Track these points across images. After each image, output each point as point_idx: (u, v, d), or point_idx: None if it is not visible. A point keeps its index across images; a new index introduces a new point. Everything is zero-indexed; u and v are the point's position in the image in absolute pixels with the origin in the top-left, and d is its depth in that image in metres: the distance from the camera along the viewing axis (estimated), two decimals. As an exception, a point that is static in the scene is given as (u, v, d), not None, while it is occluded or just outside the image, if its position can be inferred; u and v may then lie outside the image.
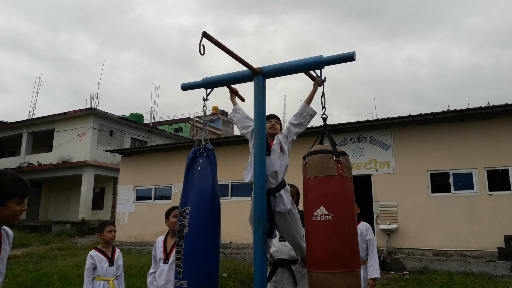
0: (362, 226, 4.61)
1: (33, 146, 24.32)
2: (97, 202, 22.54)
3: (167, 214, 3.95)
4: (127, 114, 27.69)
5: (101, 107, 24.41)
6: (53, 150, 22.58)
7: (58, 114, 22.54)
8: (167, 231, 3.92)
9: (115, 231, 4.25)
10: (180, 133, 31.20)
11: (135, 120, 25.52)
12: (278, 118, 3.27)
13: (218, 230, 2.77)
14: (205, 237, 2.64)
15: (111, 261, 4.10)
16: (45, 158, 22.73)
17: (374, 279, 4.37)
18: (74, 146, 21.67)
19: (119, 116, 23.57)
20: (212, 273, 2.68)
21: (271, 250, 3.44)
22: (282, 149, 2.98)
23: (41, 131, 23.68)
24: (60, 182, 23.89)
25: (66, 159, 21.79)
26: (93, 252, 4.11)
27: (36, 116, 24.26)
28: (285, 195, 2.95)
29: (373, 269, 4.38)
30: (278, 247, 3.43)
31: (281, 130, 3.22)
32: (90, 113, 21.52)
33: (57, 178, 23.03)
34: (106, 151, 18.99)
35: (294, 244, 3.06)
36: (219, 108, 36.78)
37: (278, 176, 2.91)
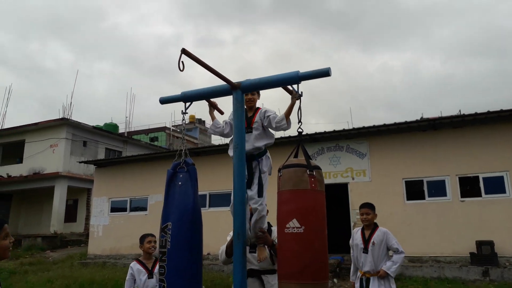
0: (381, 233, 4.45)
1: (3, 157, 23.55)
2: (70, 215, 21.93)
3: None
4: (102, 124, 27.19)
5: (75, 117, 23.96)
6: (24, 162, 21.92)
7: (29, 125, 21.93)
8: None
9: (155, 241, 4.27)
10: (156, 143, 30.83)
11: (109, 130, 25.07)
12: (255, 89, 3.32)
13: (200, 244, 2.81)
14: (188, 251, 2.68)
15: (150, 273, 4.15)
16: (15, 170, 22.02)
17: (386, 272, 4.30)
18: (46, 157, 21.08)
19: (93, 126, 23.13)
20: (195, 286, 2.71)
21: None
22: (264, 126, 3.21)
23: (11, 142, 22.95)
24: (31, 194, 23.14)
25: (38, 170, 21.17)
26: (133, 264, 4.23)
27: (6, 126, 23.53)
28: (265, 159, 3.23)
29: (391, 265, 4.32)
30: (249, 259, 3.43)
31: (259, 97, 3.39)
32: (63, 123, 21.03)
33: (27, 190, 22.31)
34: (79, 162, 18.56)
35: (259, 200, 3.15)
36: (196, 117, 36.56)
37: (260, 148, 3.19)
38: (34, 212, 23.15)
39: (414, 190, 11.23)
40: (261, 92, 3.38)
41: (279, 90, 3.01)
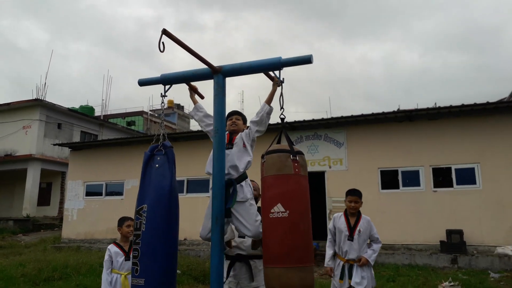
0: (366, 221, 4.43)
1: (-28, 138, 22.76)
2: (43, 198, 21.47)
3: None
4: (77, 106, 26.54)
5: (49, 98, 23.21)
6: (-5, 143, 21.24)
7: (1, 105, 21.20)
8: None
9: (133, 226, 4.27)
10: (133, 127, 30.35)
11: (85, 113, 24.52)
12: (240, 114, 3.34)
13: (176, 228, 2.78)
14: (162, 235, 2.65)
15: (127, 256, 4.23)
16: (-15, 151, 21.33)
17: (367, 260, 4.28)
18: (18, 138, 20.48)
19: (68, 108, 22.55)
20: (170, 271, 2.69)
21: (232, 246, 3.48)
22: (244, 145, 3.07)
23: (-19, 122, 22.16)
24: (3, 177, 22.48)
25: (9, 152, 20.57)
26: (111, 246, 4.31)
27: (-25, 105, 22.65)
28: (246, 186, 3.03)
29: (372, 254, 4.34)
30: (238, 243, 3.46)
31: (244, 125, 3.29)
32: (37, 104, 20.42)
33: (-1, 172, 21.70)
34: (54, 144, 18.11)
35: (255, 234, 2.97)
36: (175, 102, 36.11)
37: (238, 169, 2.99)
38: (6, 195, 22.54)
39: (389, 180, 11.47)
40: (241, 78, 3.38)
41: (259, 77, 3.00)
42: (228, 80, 2.94)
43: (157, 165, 2.77)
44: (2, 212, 21.98)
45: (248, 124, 3.17)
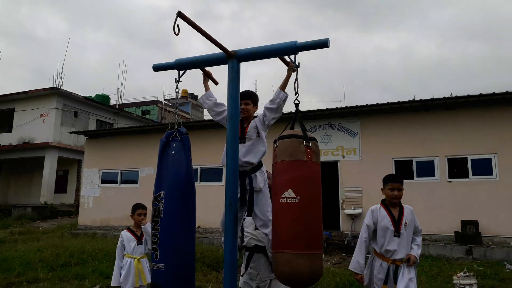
0: (409, 211, 3.77)
1: (-9, 126, 23.24)
2: (60, 185, 21.88)
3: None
4: (93, 95, 26.82)
5: (66, 87, 23.41)
6: (13, 131, 21.63)
7: (19, 93, 21.54)
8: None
9: (145, 214, 4.47)
10: (147, 116, 30.56)
11: (101, 101, 24.74)
12: (249, 98, 3.24)
13: (193, 213, 2.80)
14: (180, 220, 2.68)
15: (139, 240, 4.44)
16: (4, 139, 21.75)
17: (416, 258, 3.59)
18: (36, 126, 20.82)
19: (84, 96, 22.80)
20: (188, 255, 2.73)
21: (246, 238, 3.49)
22: (258, 134, 3.07)
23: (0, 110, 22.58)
24: (21, 164, 22.96)
25: (27, 140, 20.95)
26: (124, 233, 4.53)
27: (-6, 94, 23.07)
28: (260, 175, 3.07)
29: (417, 249, 3.65)
30: (255, 235, 3.45)
31: (255, 107, 3.27)
32: (54, 92, 20.70)
33: (17, 159, 22.12)
34: (70, 132, 18.39)
35: (264, 223, 3.03)
36: (189, 92, 36.19)
37: (253, 163, 3.04)
38: (24, 182, 23.02)
39: (403, 170, 11.35)
40: (255, 67, 3.35)
41: (274, 66, 2.97)
42: (243, 69, 2.91)
43: (173, 152, 2.79)
44: (21, 199, 22.48)
45: (263, 110, 3.13)
